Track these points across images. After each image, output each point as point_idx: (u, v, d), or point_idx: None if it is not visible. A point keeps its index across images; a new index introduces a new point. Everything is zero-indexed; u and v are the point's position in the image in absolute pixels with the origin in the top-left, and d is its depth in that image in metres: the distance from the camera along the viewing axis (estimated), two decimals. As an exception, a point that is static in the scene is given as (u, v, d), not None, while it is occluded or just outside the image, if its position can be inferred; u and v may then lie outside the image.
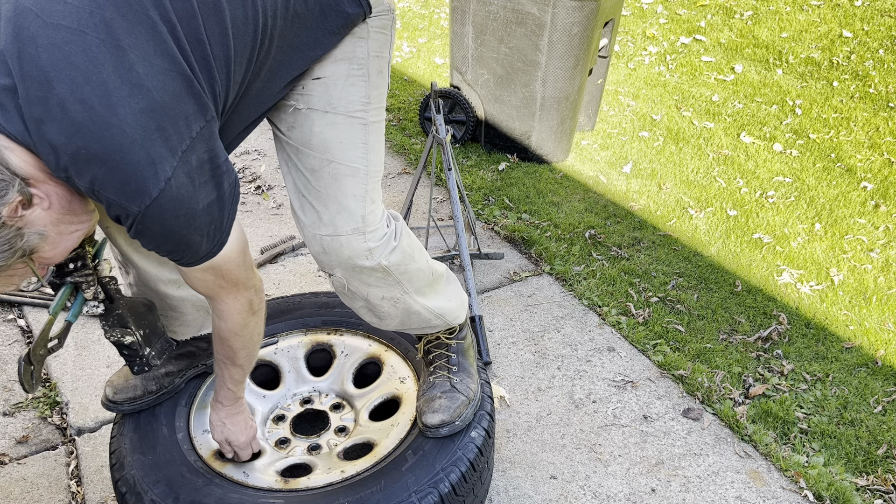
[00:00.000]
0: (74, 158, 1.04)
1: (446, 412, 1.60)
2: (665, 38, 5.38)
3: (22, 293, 2.59)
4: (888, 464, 2.05)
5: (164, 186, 1.08)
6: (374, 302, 1.56)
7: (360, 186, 1.44)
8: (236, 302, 1.38)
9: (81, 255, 1.41)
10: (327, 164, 1.41)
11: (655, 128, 4.12)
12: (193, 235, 1.18)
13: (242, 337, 1.45)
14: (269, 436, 1.74)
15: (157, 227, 1.13)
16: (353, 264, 1.46)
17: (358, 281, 1.50)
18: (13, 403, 2.16)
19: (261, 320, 1.48)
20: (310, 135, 1.39)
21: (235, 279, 1.34)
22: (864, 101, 4.42)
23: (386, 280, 1.52)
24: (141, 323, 1.56)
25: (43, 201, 1.09)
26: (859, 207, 3.37)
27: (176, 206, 1.11)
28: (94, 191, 1.08)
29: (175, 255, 1.23)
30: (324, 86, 1.37)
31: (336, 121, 1.40)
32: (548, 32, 3.29)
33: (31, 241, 1.08)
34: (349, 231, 1.43)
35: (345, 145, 1.41)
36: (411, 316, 1.63)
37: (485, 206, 3.30)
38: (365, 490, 1.48)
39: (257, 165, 3.64)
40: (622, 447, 2.07)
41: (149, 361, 1.58)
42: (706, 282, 2.82)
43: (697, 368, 2.35)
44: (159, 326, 1.62)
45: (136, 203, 1.08)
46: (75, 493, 1.88)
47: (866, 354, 2.47)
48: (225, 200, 1.21)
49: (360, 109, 1.41)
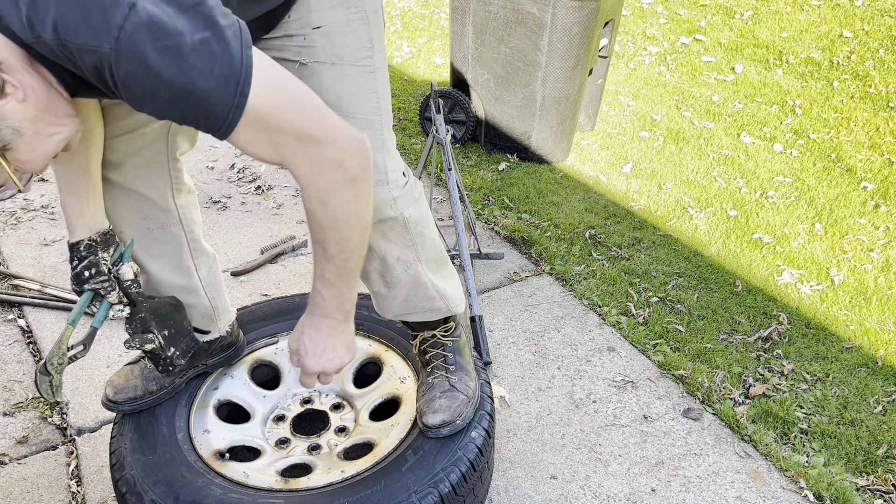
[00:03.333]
0: (33, 4, 0.97)
1: (447, 412, 1.60)
2: (665, 38, 5.38)
3: (22, 294, 2.60)
4: (888, 464, 2.05)
5: (127, 12, 0.96)
6: (390, 262, 1.56)
7: (377, 137, 1.43)
8: (311, 161, 1.14)
9: (94, 262, 1.40)
10: None
11: (655, 128, 4.12)
12: (196, 81, 1.01)
13: (329, 208, 1.19)
14: (269, 436, 1.74)
15: (140, 68, 0.98)
16: (379, 216, 1.47)
17: (379, 233, 1.51)
18: (13, 403, 2.16)
19: (361, 195, 1.21)
20: (319, 91, 1.32)
21: (298, 131, 1.11)
22: (864, 101, 4.42)
23: (404, 238, 1.54)
24: (166, 324, 1.55)
25: (17, 91, 1.03)
26: (859, 207, 3.37)
27: (153, 35, 0.97)
28: (62, 41, 0.98)
29: (191, 117, 1.06)
30: (326, 35, 1.34)
31: (345, 72, 1.37)
32: (548, 32, 3.29)
33: (5, 136, 1.03)
34: (374, 183, 1.40)
35: (357, 97, 1.39)
36: (418, 290, 1.63)
37: (485, 206, 3.30)
38: (365, 490, 1.48)
39: (257, 165, 3.64)
40: (622, 447, 2.07)
41: (173, 361, 1.57)
42: (706, 282, 2.82)
43: (697, 368, 2.35)
44: (185, 325, 1.61)
45: (105, 38, 0.96)
46: (75, 493, 1.88)
47: (866, 354, 2.47)
48: (227, 38, 1.02)
49: (367, 56, 1.39)
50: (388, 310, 1.70)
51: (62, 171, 1.40)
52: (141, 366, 1.72)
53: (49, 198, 3.27)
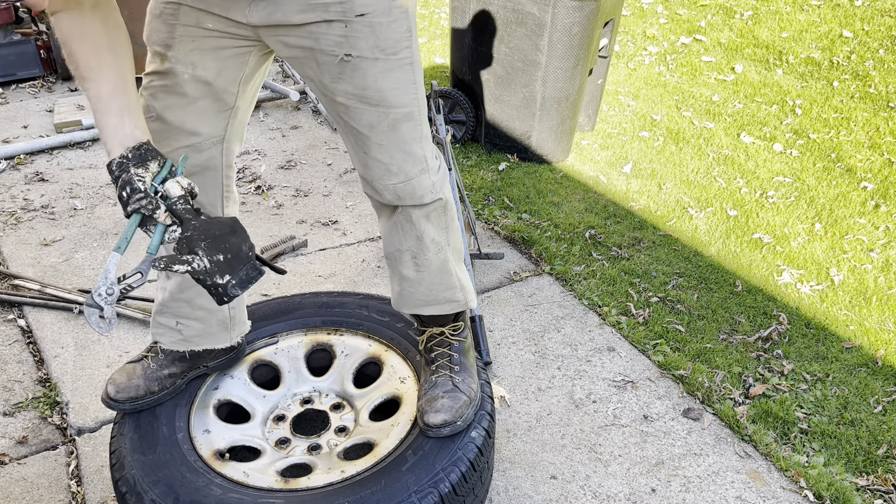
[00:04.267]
0: None
1: (449, 412, 1.60)
2: (665, 38, 5.38)
3: (22, 294, 2.60)
4: (888, 464, 2.05)
5: None
6: (426, 242, 1.60)
7: (417, 129, 1.47)
8: None
9: (128, 180, 1.28)
10: (385, 116, 1.41)
11: (655, 128, 4.12)
12: None
13: None
14: (270, 436, 1.74)
15: None
16: (422, 201, 1.53)
17: (423, 215, 1.57)
18: (13, 403, 2.16)
19: None
20: (363, 87, 1.36)
21: None
22: (864, 101, 4.42)
23: (442, 219, 1.60)
24: (219, 247, 1.32)
25: None
26: (859, 207, 3.37)
27: None
28: None
29: None
30: (369, 25, 1.33)
31: (387, 67, 1.38)
32: (548, 32, 3.29)
33: None
34: (417, 173, 1.50)
35: (398, 91, 1.41)
36: (443, 277, 1.67)
37: (485, 206, 3.30)
38: (365, 490, 1.48)
39: (257, 165, 3.64)
40: (622, 447, 2.07)
41: (227, 291, 1.34)
42: (706, 282, 2.82)
43: (697, 368, 2.35)
44: (244, 251, 1.37)
45: None
46: (75, 493, 1.88)
47: (866, 354, 2.47)
48: None
49: (406, 47, 1.40)
50: (412, 298, 1.71)
51: (94, 90, 1.31)
52: (144, 365, 1.72)
53: (49, 198, 3.27)
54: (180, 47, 1.43)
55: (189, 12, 1.41)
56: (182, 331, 1.71)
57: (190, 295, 1.68)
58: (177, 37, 1.43)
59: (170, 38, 1.42)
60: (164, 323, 1.72)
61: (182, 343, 1.73)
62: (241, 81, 1.50)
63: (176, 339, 1.72)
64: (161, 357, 1.73)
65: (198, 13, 1.41)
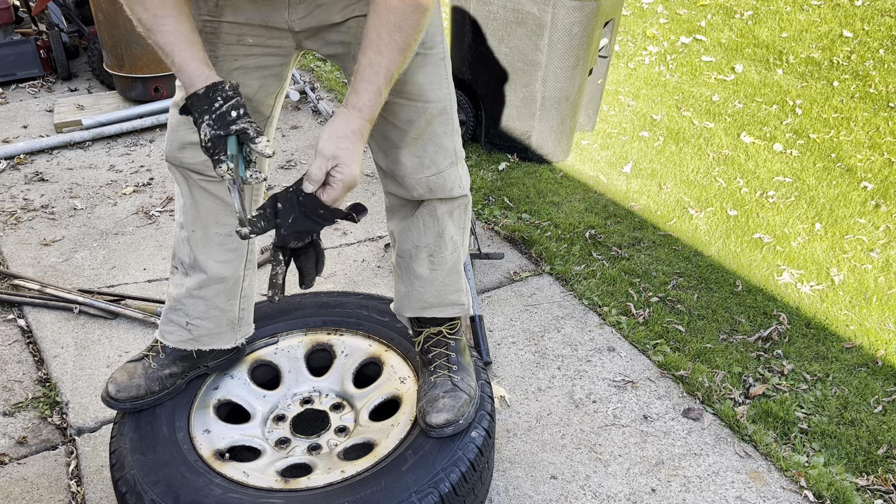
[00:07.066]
0: None
1: (450, 411, 1.60)
2: (665, 38, 5.38)
3: (22, 294, 2.59)
4: (888, 464, 2.05)
5: None
6: (445, 239, 1.62)
7: (449, 123, 1.50)
8: None
9: (242, 103, 1.26)
10: (423, 111, 1.42)
11: (655, 128, 4.12)
12: None
13: None
14: (270, 436, 1.74)
15: None
16: (451, 195, 1.56)
17: (447, 211, 1.59)
18: (13, 403, 2.16)
19: None
20: (402, 82, 1.37)
21: None
22: (864, 101, 4.42)
23: (463, 217, 1.63)
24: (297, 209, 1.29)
25: None
26: (859, 207, 3.37)
27: None
28: None
29: None
30: None
31: (423, 62, 1.39)
32: (548, 32, 3.29)
33: None
34: (447, 165, 1.53)
35: (434, 86, 1.43)
36: (453, 278, 1.70)
37: (485, 206, 3.30)
38: (365, 490, 1.48)
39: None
40: (622, 447, 2.07)
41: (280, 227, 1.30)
42: (706, 282, 2.82)
43: (697, 368, 2.35)
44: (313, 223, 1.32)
45: None
46: (75, 493, 1.88)
47: (866, 354, 2.47)
48: None
49: (440, 42, 1.42)
50: (419, 300, 1.72)
51: (172, 26, 1.27)
52: (144, 364, 1.72)
53: (49, 198, 3.27)
54: (223, 66, 1.45)
55: (230, 29, 1.42)
56: (192, 330, 1.72)
57: (207, 293, 1.68)
58: (220, 56, 1.44)
59: (212, 56, 1.42)
60: (175, 320, 1.72)
61: (189, 342, 1.73)
62: (277, 94, 1.56)
63: (185, 337, 1.73)
64: (162, 356, 1.73)
65: (239, 28, 1.42)
